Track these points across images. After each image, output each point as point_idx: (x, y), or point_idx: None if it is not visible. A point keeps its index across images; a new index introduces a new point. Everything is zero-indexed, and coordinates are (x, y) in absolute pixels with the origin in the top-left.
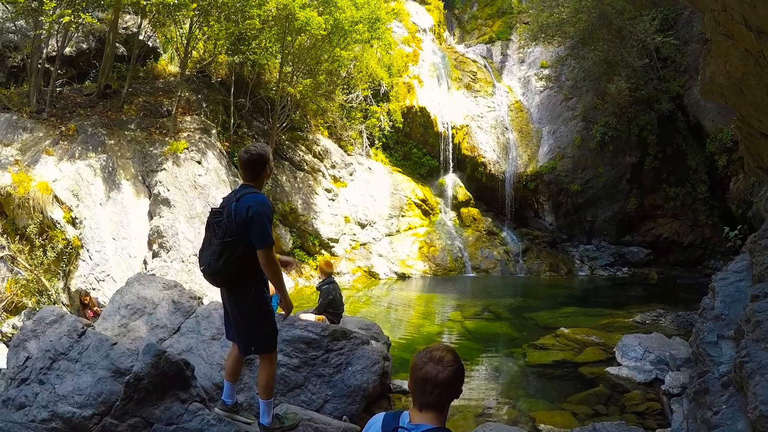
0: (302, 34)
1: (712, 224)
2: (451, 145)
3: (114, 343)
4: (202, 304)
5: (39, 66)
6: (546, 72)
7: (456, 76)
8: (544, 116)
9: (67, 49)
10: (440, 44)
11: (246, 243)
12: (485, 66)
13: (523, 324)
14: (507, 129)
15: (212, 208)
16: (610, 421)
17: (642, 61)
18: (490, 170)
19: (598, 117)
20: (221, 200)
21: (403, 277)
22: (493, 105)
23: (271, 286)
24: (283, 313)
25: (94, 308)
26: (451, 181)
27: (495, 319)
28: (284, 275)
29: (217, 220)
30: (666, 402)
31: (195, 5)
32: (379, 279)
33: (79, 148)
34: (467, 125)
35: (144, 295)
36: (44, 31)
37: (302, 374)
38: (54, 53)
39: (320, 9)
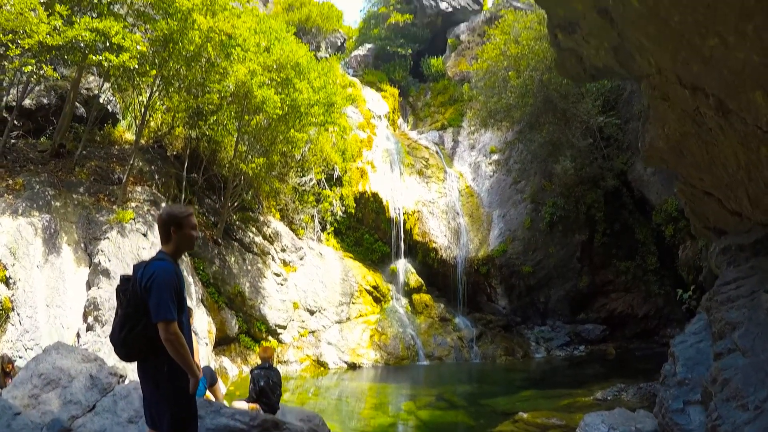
0: (259, 114)
1: (664, 294)
2: (402, 230)
3: (18, 413)
4: (123, 381)
5: None
6: (495, 157)
7: (409, 162)
8: (494, 200)
9: (27, 101)
10: (394, 130)
11: (148, 315)
12: (437, 152)
13: (479, 411)
14: (458, 214)
15: (121, 275)
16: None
17: (586, 141)
18: (441, 255)
19: (546, 198)
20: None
21: (353, 366)
22: (444, 190)
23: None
24: (212, 399)
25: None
26: (403, 267)
27: (450, 407)
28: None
29: (123, 288)
30: None
31: (155, 72)
32: (329, 368)
33: (24, 205)
34: (419, 211)
35: (61, 365)
36: (6, 78)
37: None
38: (13, 103)
39: (278, 89)
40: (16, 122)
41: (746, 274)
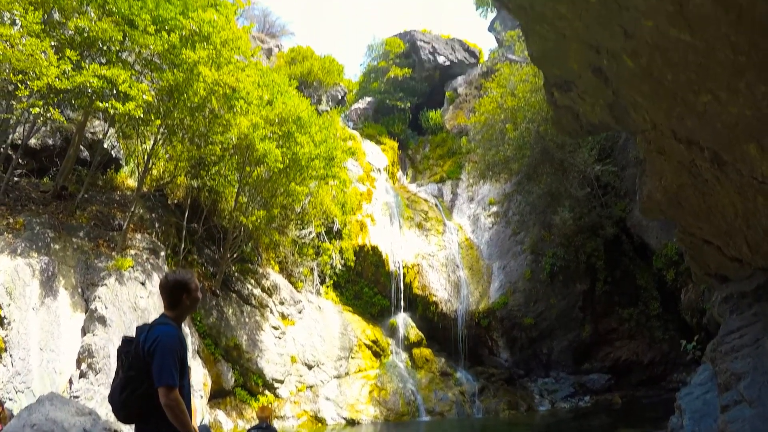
0: (260, 166)
1: (669, 338)
2: (402, 284)
3: None
4: None
5: (1, 150)
6: (494, 209)
7: (408, 215)
8: (494, 252)
9: (33, 141)
10: (394, 183)
11: (151, 379)
12: (436, 205)
13: None
14: (458, 267)
15: (124, 336)
16: None
17: (584, 191)
18: (441, 309)
19: (546, 249)
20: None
21: (352, 422)
22: (444, 243)
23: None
24: None
25: (5, 421)
26: (403, 321)
27: None
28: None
29: (125, 350)
30: None
31: (160, 122)
32: (327, 425)
33: (23, 245)
34: (419, 264)
35: (54, 417)
36: (13, 117)
37: None
38: (19, 141)
39: (280, 142)
40: (20, 161)
41: (749, 322)
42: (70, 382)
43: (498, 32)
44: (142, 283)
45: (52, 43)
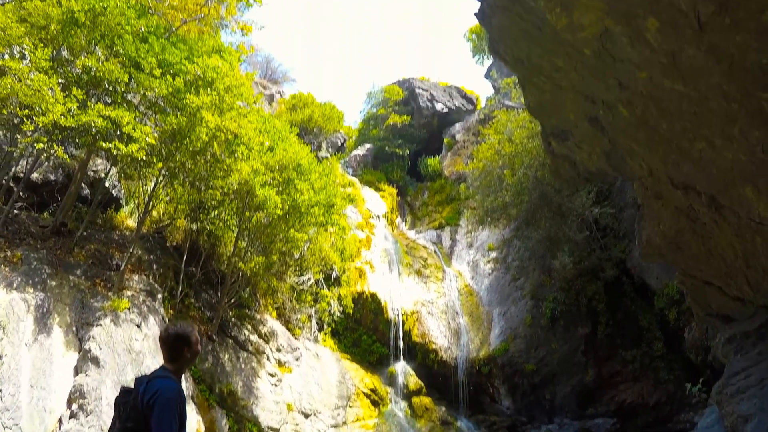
0: (260, 212)
1: (674, 378)
2: (401, 331)
3: None
4: None
5: (3, 182)
6: (493, 254)
7: (407, 262)
8: (493, 298)
9: (35, 175)
10: (393, 230)
11: (149, 430)
12: (435, 251)
13: None
14: (458, 314)
15: (122, 387)
16: None
17: (583, 234)
18: (441, 357)
19: (546, 294)
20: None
21: None
22: (443, 290)
23: None
24: None
25: None
26: (402, 369)
27: None
28: None
29: (123, 400)
30: None
31: (161, 165)
32: None
33: (19, 279)
34: (418, 311)
35: None
36: (17, 150)
37: None
38: (21, 174)
39: (280, 189)
40: (21, 194)
41: (754, 361)
42: (60, 422)
43: (494, 79)
44: (138, 326)
45: (60, 81)
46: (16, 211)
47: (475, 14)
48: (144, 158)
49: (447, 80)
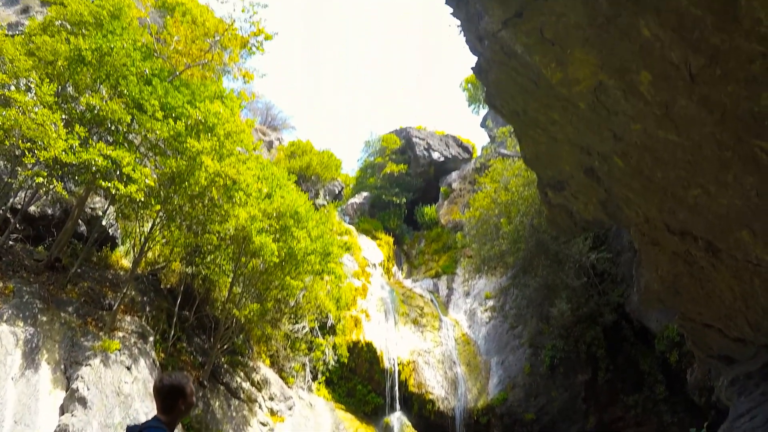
0: (256, 258)
1: (678, 421)
2: (397, 381)
3: None
4: None
5: (0, 213)
6: (491, 303)
7: (404, 311)
8: (491, 347)
9: (32, 208)
10: (389, 278)
11: None
12: (432, 300)
13: None
14: (455, 363)
15: None
16: None
17: (580, 280)
18: (438, 407)
19: (545, 341)
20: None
21: None
22: (440, 339)
23: None
24: None
25: None
26: (398, 420)
27: None
28: None
29: None
30: None
31: (159, 207)
32: None
33: (9, 312)
34: (414, 361)
35: None
36: (17, 182)
37: None
38: (19, 206)
39: (277, 236)
40: (18, 226)
41: (759, 402)
42: None
43: (490, 129)
44: (128, 368)
45: (63, 116)
46: (11, 243)
47: (472, 68)
48: (142, 199)
49: (443, 129)
